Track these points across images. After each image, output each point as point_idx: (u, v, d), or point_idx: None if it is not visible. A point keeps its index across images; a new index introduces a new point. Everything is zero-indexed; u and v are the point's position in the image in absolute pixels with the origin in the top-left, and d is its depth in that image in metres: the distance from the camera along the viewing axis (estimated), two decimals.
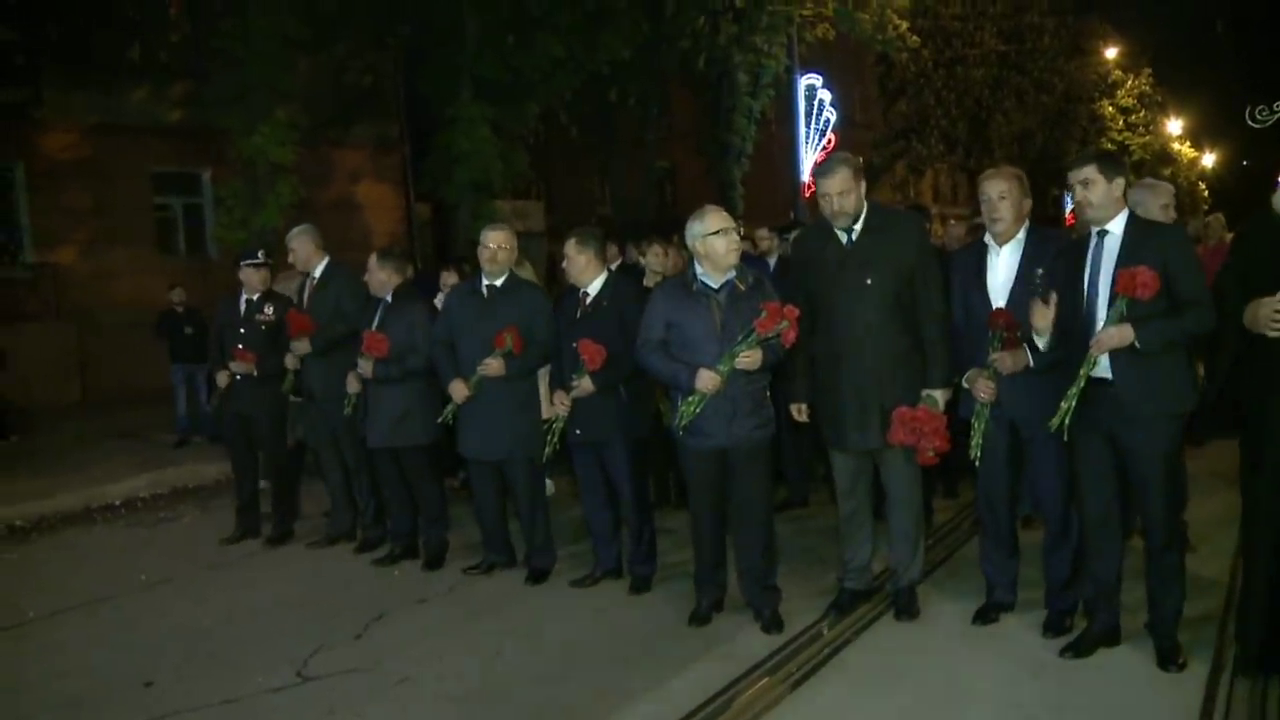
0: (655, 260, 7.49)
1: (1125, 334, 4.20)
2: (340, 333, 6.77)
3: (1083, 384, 4.34)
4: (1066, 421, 4.39)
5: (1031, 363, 4.62)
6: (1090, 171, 4.38)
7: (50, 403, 14.89)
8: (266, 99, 13.74)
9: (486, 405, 6.03)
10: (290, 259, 7.13)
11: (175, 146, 17.41)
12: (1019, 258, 4.77)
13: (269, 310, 7.24)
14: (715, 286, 5.08)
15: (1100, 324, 4.30)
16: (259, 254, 7.43)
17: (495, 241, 6.10)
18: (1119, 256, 4.30)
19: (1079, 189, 4.40)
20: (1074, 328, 4.38)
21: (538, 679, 4.79)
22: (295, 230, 7.21)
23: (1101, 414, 4.35)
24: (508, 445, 6.08)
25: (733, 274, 5.08)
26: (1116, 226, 4.37)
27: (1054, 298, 4.42)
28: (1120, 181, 4.38)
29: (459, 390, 6.04)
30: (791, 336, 4.89)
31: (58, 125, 16.18)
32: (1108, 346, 4.25)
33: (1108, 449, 4.42)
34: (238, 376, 7.20)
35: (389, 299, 6.56)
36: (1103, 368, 4.32)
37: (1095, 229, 4.42)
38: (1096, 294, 4.36)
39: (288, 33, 13.60)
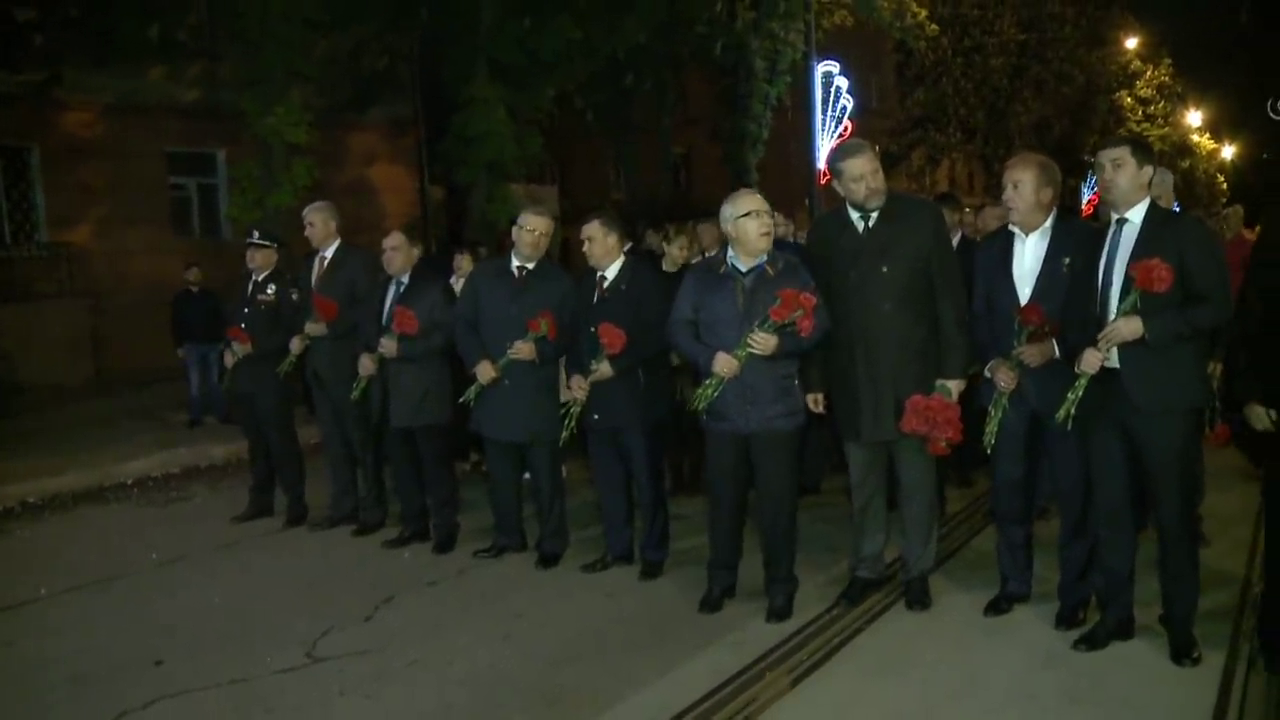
0: (679, 253, 7.43)
1: (1135, 326, 4.15)
2: (359, 316, 6.73)
3: (1088, 377, 4.31)
4: (1072, 413, 4.36)
5: (1057, 354, 4.58)
6: (1123, 153, 4.33)
7: (64, 382, 14.94)
8: (283, 80, 13.72)
9: (511, 387, 5.97)
10: (306, 232, 7.08)
11: (190, 126, 17.44)
12: (1045, 246, 4.71)
13: (270, 291, 7.24)
14: (743, 270, 5.05)
15: (1113, 315, 4.26)
16: (254, 233, 7.42)
17: (539, 227, 6.04)
18: (1135, 246, 4.26)
19: (1108, 168, 4.34)
20: (1088, 317, 4.34)
21: (547, 663, 4.78)
22: (316, 204, 7.17)
23: (1112, 406, 4.31)
24: (531, 428, 6.05)
25: (764, 259, 5.04)
26: (1136, 215, 4.32)
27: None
28: (1149, 170, 4.33)
29: (486, 372, 5.99)
30: (807, 325, 4.84)
31: (73, 105, 16.18)
32: (1117, 340, 4.20)
33: (1120, 441, 4.37)
34: (240, 356, 7.21)
35: (405, 278, 6.53)
36: (1113, 359, 4.28)
37: (1115, 217, 4.37)
38: (1111, 283, 4.31)
39: (305, 14, 13.57)
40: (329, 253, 7.05)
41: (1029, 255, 4.75)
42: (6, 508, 8.48)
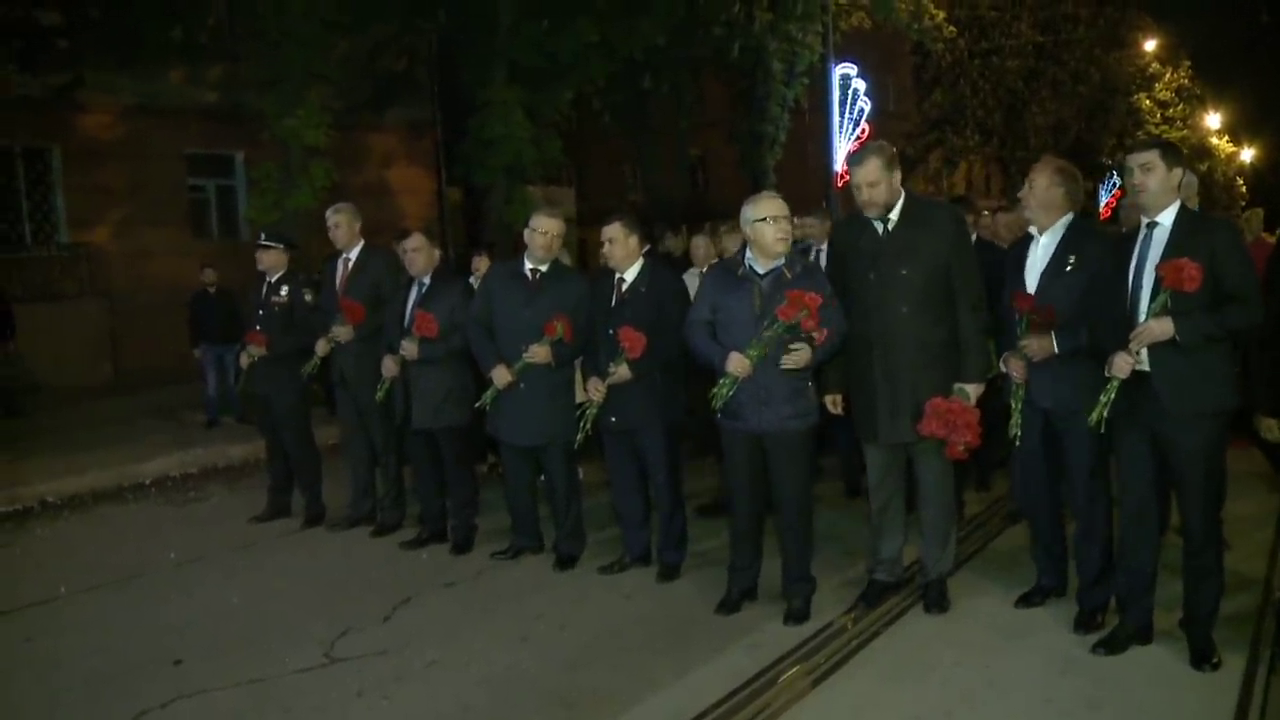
0: (701, 256, 7.42)
1: (1166, 327, 4.14)
2: (383, 318, 6.73)
3: (1119, 380, 4.29)
4: (1105, 415, 4.34)
5: (1056, 349, 4.64)
6: (1152, 157, 4.31)
7: (83, 382, 15.02)
8: (302, 82, 13.76)
9: (525, 391, 5.96)
10: (331, 234, 7.08)
11: (210, 128, 17.51)
12: (1055, 245, 4.77)
13: (284, 292, 7.25)
14: (761, 272, 5.04)
15: (1143, 317, 4.24)
16: (262, 235, 7.43)
17: (552, 229, 6.01)
18: (1166, 248, 4.24)
19: (1138, 173, 4.33)
20: (1119, 321, 4.33)
21: (564, 665, 4.78)
22: (339, 206, 7.15)
23: (1141, 408, 4.30)
24: (547, 431, 6.04)
25: (781, 261, 5.04)
26: (1166, 218, 4.31)
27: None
28: (1178, 172, 4.31)
29: (503, 376, 5.97)
30: (810, 324, 4.83)
31: (94, 107, 16.27)
32: (1148, 340, 4.19)
33: (1146, 443, 4.36)
34: (255, 358, 7.23)
35: (427, 280, 6.53)
36: (1142, 362, 4.27)
37: (1145, 220, 4.36)
38: (1141, 286, 4.30)
39: (324, 16, 13.62)
40: (353, 255, 7.06)
41: (1040, 253, 4.83)
42: (26, 507, 8.53)
